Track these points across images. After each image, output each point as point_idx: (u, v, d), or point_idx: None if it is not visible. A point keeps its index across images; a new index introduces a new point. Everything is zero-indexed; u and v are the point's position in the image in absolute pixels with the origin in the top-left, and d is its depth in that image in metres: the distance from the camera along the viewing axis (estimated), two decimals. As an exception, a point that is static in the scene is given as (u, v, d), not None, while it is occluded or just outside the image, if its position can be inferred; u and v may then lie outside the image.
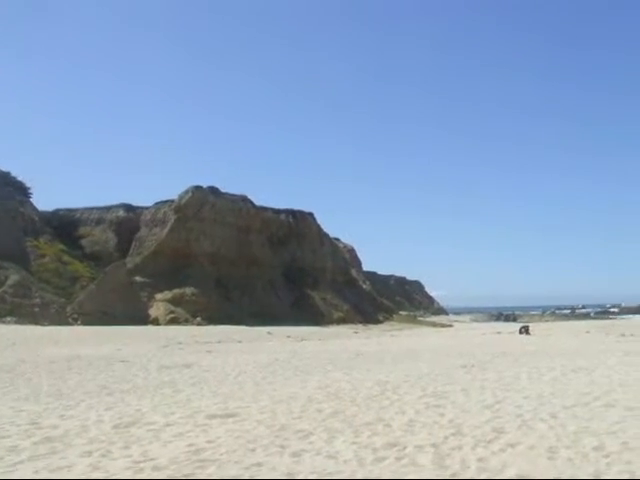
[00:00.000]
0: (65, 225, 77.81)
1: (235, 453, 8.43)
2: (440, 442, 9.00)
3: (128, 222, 79.26)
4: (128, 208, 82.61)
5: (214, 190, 73.76)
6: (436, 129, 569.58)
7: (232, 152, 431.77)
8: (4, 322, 49.60)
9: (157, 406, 12.43)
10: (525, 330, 46.29)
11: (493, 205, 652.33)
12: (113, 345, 31.82)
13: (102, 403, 12.81)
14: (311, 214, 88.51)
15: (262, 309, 66.37)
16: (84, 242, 76.68)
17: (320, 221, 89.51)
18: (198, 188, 72.51)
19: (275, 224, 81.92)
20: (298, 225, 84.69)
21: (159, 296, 63.39)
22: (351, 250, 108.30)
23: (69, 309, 57.37)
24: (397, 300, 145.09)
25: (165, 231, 70.16)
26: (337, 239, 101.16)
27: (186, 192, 72.56)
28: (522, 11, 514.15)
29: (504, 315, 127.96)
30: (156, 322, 58.61)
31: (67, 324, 53.32)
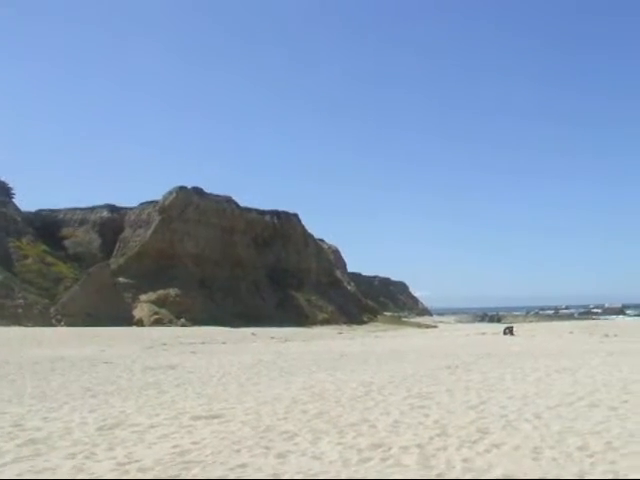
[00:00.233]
0: (48, 226, 77.50)
1: (220, 454, 8.41)
2: (425, 443, 9.00)
3: (112, 223, 79.05)
4: (112, 209, 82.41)
5: (198, 191, 73.69)
6: (420, 131, 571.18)
7: (217, 153, 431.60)
8: (-13, 323, 49.35)
9: (141, 407, 12.37)
10: (509, 331, 46.41)
11: (477, 206, 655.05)
12: (97, 346, 31.69)
13: (86, 405, 12.73)
14: (296, 215, 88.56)
15: (246, 310, 66.33)
16: (67, 243, 76.39)
17: (304, 222, 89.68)
18: (182, 189, 72.44)
19: (259, 225, 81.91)
20: (282, 226, 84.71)
21: (143, 297, 63.27)
22: (335, 251, 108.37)
23: (52, 310, 57.19)
24: (381, 301, 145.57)
25: (149, 232, 70.02)
26: (321, 240, 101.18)
27: (170, 193, 72.46)
28: (518, 15, 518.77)
29: (488, 316, 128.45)
30: (140, 323, 58.50)
31: (51, 325, 53.17)
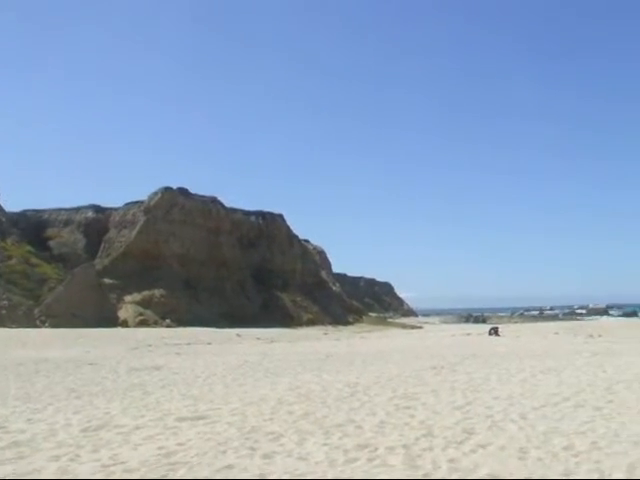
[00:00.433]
0: (33, 226, 77.19)
1: (206, 455, 8.39)
2: (411, 443, 9.01)
3: (97, 223, 78.81)
4: (97, 209, 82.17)
5: (184, 191, 73.55)
6: (410, 131, 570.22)
7: (202, 153, 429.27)
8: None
9: (126, 409, 12.33)
10: (494, 331, 46.50)
11: (462, 207, 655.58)
12: (81, 347, 31.58)
13: (70, 406, 12.67)
14: (281, 216, 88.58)
15: (232, 311, 66.28)
16: (52, 243, 76.09)
17: (290, 223, 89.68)
18: (168, 189, 72.28)
19: (245, 226, 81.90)
20: (268, 227, 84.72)
21: (128, 298, 63.08)
22: (321, 252, 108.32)
23: (37, 311, 56.89)
24: (367, 302, 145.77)
25: (134, 232, 69.81)
26: (307, 241, 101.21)
27: (155, 193, 72.30)
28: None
29: (473, 317, 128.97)
30: (125, 324, 58.31)
31: (35, 326, 52.90)
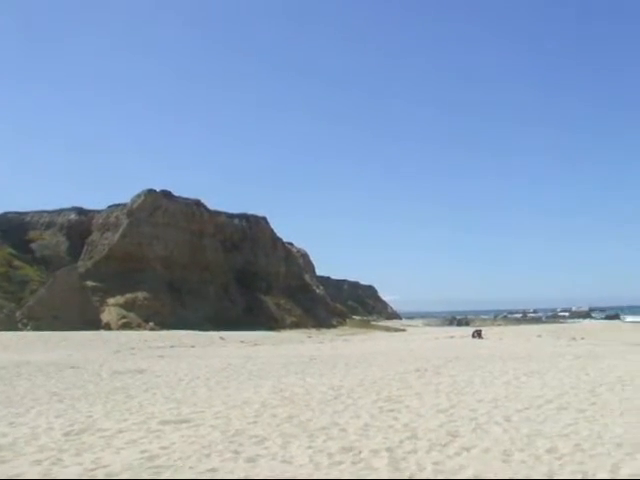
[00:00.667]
0: (14, 228, 76.76)
1: (189, 459, 8.35)
2: (395, 446, 9.01)
3: (80, 226, 78.49)
4: (80, 211, 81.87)
5: (167, 194, 73.32)
6: (387, 136, 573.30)
7: (185, 156, 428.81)
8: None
9: (109, 412, 12.26)
10: (478, 334, 46.70)
11: (446, 211, 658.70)
12: (64, 351, 31.41)
13: (52, 410, 12.59)
14: (264, 218, 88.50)
15: (215, 314, 66.10)
16: (34, 246, 75.67)
17: (273, 226, 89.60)
18: (151, 192, 72.04)
19: (228, 228, 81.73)
20: (251, 229, 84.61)
21: (111, 301, 62.75)
22: (304, 255, 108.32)
23: (19, 314, 56.51)
24: (350, 305, 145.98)
25: (117, 235, 69.51)
26: (290, 244, 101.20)
27: (139, 196, 72.06)
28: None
29: (457, 319, 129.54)
30: (108, 327, 57.99)
31: (16, 329, 52.52)
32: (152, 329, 57.22)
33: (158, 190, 72.94)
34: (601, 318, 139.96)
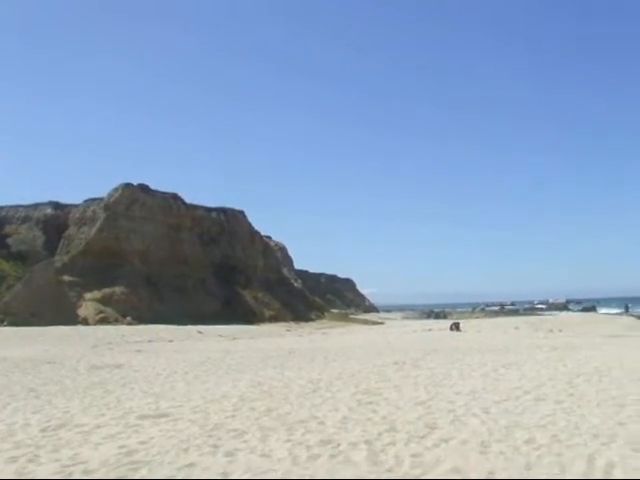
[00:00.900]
0: (-11, 223, 76.10)
1: (168, 454, 8.31)
2: (374, 439, 9.02)
3: (56, 220, 77.92)
4: (56, 206, 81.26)
5: (144, 188, 72.92)
6: (363, 129, 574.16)
7: (162, 150, 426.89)
8: None
9: (87, 408, 12.18)
10: (456, 327, 46.94)
11: (421, 204, 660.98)
12: (41, 346, 31.20)
13: (29, 406, 12.49)
14: (242, 212, 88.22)
15: (193, 308, 65.84)
16: (10, 241, 75.11)
17: (251, 219, 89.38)
18: (128, 186, 71.63)
19: (206, 222, 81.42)
20: (229, 223, 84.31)
21: (88, 295, 62.37)
22: (282, 248, 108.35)
23: (-5, 310, 56.07)
24: (328, 298, 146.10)
25: (94, 229, 69.06)
26: (268, 237, 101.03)
27: (116, 190, 71.62)
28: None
29: (435, 312, 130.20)
30: (85, 322, 57.63)
31: (-8, 325, 52.11)
32: (130, 324, 56.94)
33: (135, 184, 72.53)
34: (578, 310, 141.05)
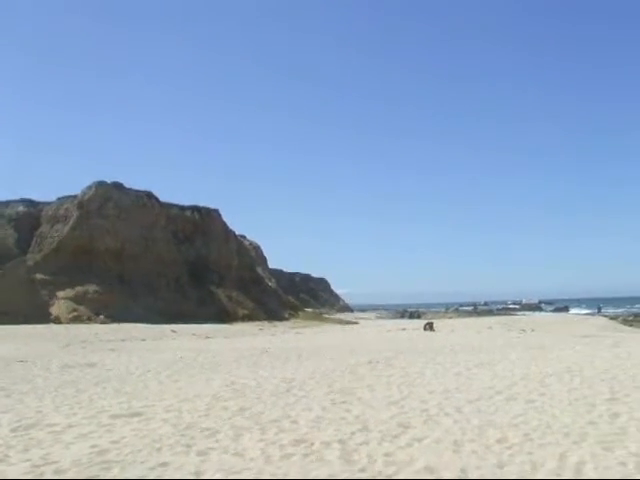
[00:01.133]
0: (-40, 221, 75.29)
1: (140, 453, 8.30)
2: (347, 438, 9.06)
3: (28, 218, 77.16)
4: (28, 203, 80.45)
5: (118, 186, 72.46)
6: (338, 128, 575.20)
7: (137, 148, 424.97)
8: None
9: (59, 407, 12.12)
10: (429, 327, 46.94)
11: (395, 204, 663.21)
12: (12, 344, 30.91)
13: (0, 405, 12.40)
14: (216, 211, 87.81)
15: (167, 307, 65.57)
16: (-19, 238, 74.31)
17: (225, 218, 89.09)
18: (102, 183, 71.15)
19: (180, 221, 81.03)
20: (203, 222, 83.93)
21: (61, 294, 61.87)
22: (257, 248, 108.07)
23: (-35, 308, 55.50)
24: (302, 297, 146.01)
25: (67, 227, 68.51)
26: (243, 236, 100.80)
27: (89, 187, 71.12)
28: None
29: (409, 312, 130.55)
30: (58, 321, 57.16)
31: (-37, 323, 51.57)
32: (103, 322, 56.57)
33: (109, 182, 72.09)
34: (551, 310, 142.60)
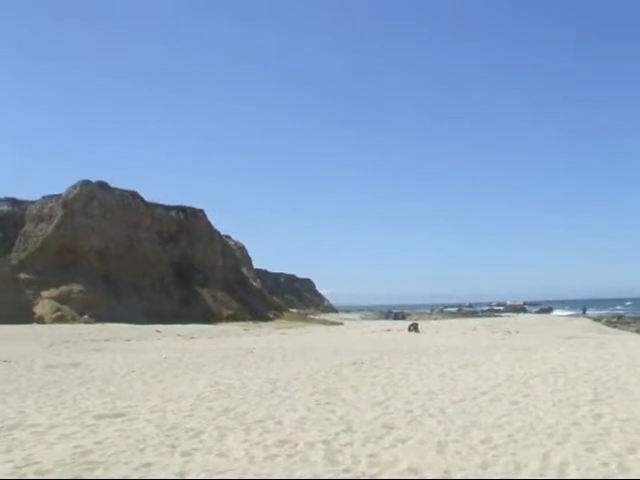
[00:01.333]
0: (-56, 220, 74.80)
1: (124, 454, 8.27)
2: (331, 439, 9.06)
3: (13, 217, 76.74)
4: (12, 202, 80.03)
5: (103, 185, 72.19)
6: (324, 127, 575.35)
7: (122, 147, 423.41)
8: None
9: (42, 407, 12.06)
10: (414, 328, 47.00)
11: (381, 205, 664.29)
12: (-5, 344, 30.76)
13: (-18, 405, 12.34)
14: (201, 211, 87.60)
15: (152, 307, 65.41)
16: (-35, 237, 73.86)
17: (210, 218, 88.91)
18: (86, 183, 70.87)
19: (165, 220, 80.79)
20: (188, 222, 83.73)
21: (45, 293, 61.60)
22: (242, 248, 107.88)
23: (-52, 307, 55.15)
24: (287, 298, 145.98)
25: (52, 226, 68.20)
26: (228, 237, 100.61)
27: (74, 187, 70.82)
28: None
29: (393, 313, 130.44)
30: (42, 320, 56.91)
31: (-54, 323, 51.24)
32: (87, 322, 56.35)
33: (94, 181, 71.81)
34: (535, 312, 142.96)
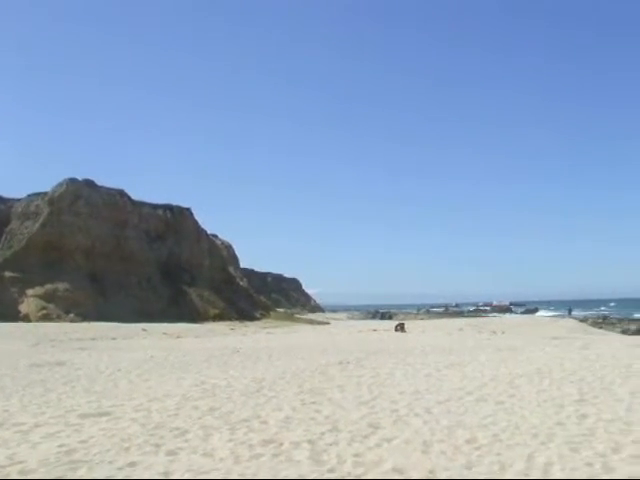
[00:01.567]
0: None
1: (108, 453, 8.25)
2: (316, 438, 9.07)
3: (-3, 214, 76.44)
4: (-3, 199, 79.69)
5: (89, 183, 71.94)
6: (314, 127, 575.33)
7: (109, 146, 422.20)
8: None
9: (26, 406, 12.01)
10: (400, 328, 47.05)
11: (366, 205, 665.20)
12: (-21, 343, 30.61)
13: (-34, 404, 12.29)
14: (188, 209, 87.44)
15: (138, 305, 65.26)
16: (-50, 235, 73.44)
17: (197, 217, 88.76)
18: (73, 181, 70.58)
19: (152, 219, 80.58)
20: (175, 220, 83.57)
21: (30, 292, 61.35)
22: (229, 247, 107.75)
23: None
24: (274, 297, 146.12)
25: (38, 224, 67.89)
26: (215, 236, 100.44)
27: (60, 185, 70.51)
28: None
29: (380, 313, 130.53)
30: (27, 319, 56.69)
31: None
32: (73, 321, 56.15)
33: (80, 179, 71.55)
34: (521, 312, 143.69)
